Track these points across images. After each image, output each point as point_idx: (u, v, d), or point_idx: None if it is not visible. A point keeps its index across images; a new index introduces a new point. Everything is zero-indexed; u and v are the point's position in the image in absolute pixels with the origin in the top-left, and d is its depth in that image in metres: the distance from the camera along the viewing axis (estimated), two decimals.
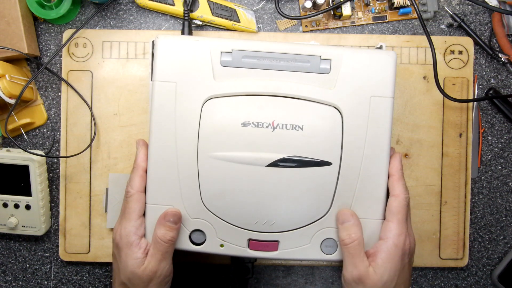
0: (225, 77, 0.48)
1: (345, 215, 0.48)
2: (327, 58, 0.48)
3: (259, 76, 0.48)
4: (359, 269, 0.46)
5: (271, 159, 0.47)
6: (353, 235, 0.47)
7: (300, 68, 0.48)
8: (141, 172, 0.49)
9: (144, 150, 0.49)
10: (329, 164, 0.47)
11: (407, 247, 0.47)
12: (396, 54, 0.49)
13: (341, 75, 0.48)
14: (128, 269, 0.47)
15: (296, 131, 0.47)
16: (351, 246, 0.47)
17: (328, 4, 0.60)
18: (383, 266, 0.46)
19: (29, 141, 0.62)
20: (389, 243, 0.47)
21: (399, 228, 0.47)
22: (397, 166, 0.49)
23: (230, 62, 0.48)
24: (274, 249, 0.49)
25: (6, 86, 0.54)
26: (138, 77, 0.60)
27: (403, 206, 0.48)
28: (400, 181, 0.48)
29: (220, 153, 0.47)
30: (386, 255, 0.46)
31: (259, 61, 0.48)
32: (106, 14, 0.61)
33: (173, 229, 0.48)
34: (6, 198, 0.59)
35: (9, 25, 0.57)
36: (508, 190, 0.63)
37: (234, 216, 0.48)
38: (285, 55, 0.48)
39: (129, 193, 0.49)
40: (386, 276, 0.46)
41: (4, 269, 0.63)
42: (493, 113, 0.62)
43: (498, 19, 0.60)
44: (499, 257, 0.63)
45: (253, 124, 0.47)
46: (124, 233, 0.48)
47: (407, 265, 0.48)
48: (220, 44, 0.48)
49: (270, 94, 0.48)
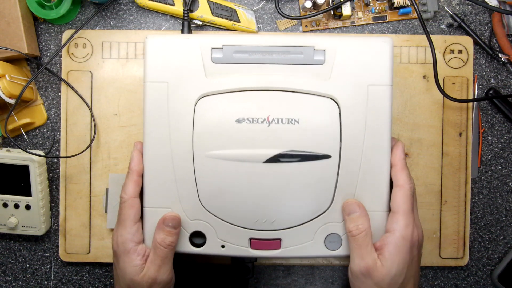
0: (217, 74, 0.47)
1: (351, 205, 0.47)
2: (321, 48, 0.47)
3: (252, 71, 0.47)
4: (366, 261, 0.45)
5: (268, 155, 0.46)
6: (361, 226, 0.46)
7: (294, 60, 0.47)
8: (135, 177, 0.48)
9: (138, 154, 0.49)
10: (328, 157, 0.47)
11: (416, 239, 0.46)
12: (391, 39, 0.48)
13: (336, 65, 0.47)
14: (127, 276, 0.46)
15: (293, 125, 0.46)
16: (358, 237, 0.45)
17: (328, 4, 0.60)
18: (390, 259, 0.45)
19: (29, 141, 0.62)
20: (396, 235, 0.45)
21: (405, 219, 0.46)
22: (400, 156, 0.48)
23: (221, 58, 0.47)
24: (277, 247, 0.48)
25: (6, 86, 0.54)
26: (138, 77, 0.60)
27: (408, 196, 0.46)
28: (403, 170, 0.47)
29: (215, 152, 0.47)
30: (393, 248, 0.45)
31: (251, 56, 0.47)
32: (106, 14, 0.61)
33: (172, 234, 0.47)
34: (6, 198, 0.59)
35: (9, 25, 0.57)
36: (508, 190, 0.63)
37: (234, 215, 0.48)
38: (277, 47, 0.47)
39: (122, 199, 0.48)
40: (394, 270, 0.44)
41: (4, 269, 0.63)
42: (493, 113, 0.62)
43: (498, 19, 0.60)
44: (499, 257, 0.63)
45: (248, 120, 0.46)
46: (120, 240, 0.47)
47: (415, 257, 0.47)
48: (210, 40, 0.47)
49: (264, 89, 0.47)
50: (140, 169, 0.48)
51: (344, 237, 0.48)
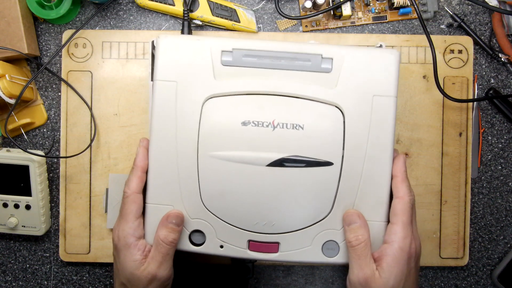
0: (225, 76, 0.48)
1: (352, 216, 0.47)
2: (329, 56, 0.48)
3: (260, 75, 0.48)
4: (365, 272, 0.45)
5: (271, 158, 0.46)
6: (360, 236, 0.46)
7: (301, 67, 0.48)
8: (139, 172, 0.48)
9: (143, 150, 0.49)
10: (330, 164, 0.47)
11: (413, 251, 0.46)
12: (399, 52, 0.48)
13: (342, 74, 0.47)
14: (127, 270, 0.47)
15: (297, 131, 0.46)
16: (358, 248, 0.46)
17: (328, 4, 0.60)
18: (388, 270, 0.45)
19: (29, 141, 0.62)
20: (395, 246, 0.45)
21: (404, 231, 0.46)
22: (401, 168, 0.48)
23: (231, 61, 0.48)
24: (274, 250, 0.49)
25: (6, 86, 0.54)
26: (138, 77, 0.60)
27: (407, 208, 0.46)
28: (404, 182, 0.47)
29: (219, 153, 0.47)
30: (391, 259, 0.45)
31: (260, 60, 0.48)
32: (106, 14, 0.61)
33: (175, 231, 0.47)
34: (6, 198, 0.59)
35: (9, 25, 0.57)
36: (508, 190, 0.63)
37: (234, 216, 0.48)
38: (286, 53, 0.48)
39: (125, 194, 0.48)
40: (392, 281, 0.45)
41: (4, 269, 0.63)
42: (493, 113, 0.62)
43: (498, 19, 0.60)
44: (499, 257, 0.63)
45: (253, 123, 0.47)
46: (122, 234, 0.47)
47: (413, 269, 0.47)
48: (221, 43, 0.48)
49: (270, 93, 0.47)
50: (145, 165, 0.49)
51: (342, 244, 0.48)
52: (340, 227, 0.48)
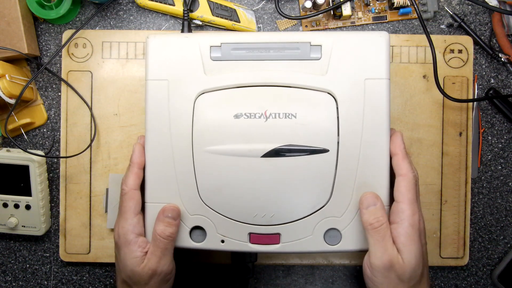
0: (215, 71, 0.48)
1: (370, 198, 0.46)
2: (317, 44, 0.48)
3: (250, 67, 0.48)
4: (390, 253, 0.44)
5: (265, 149, 0.46)
6: (381, 218, 0.45)
7: (291, 56, 0.48)
8: (135, 169, 0.49)
9: (139, 147, 0.49)
10: (326, 151, 0.47)
11: (422, 227, 0.45)
12: (388, 34, 0.48)
13: (332, 60, 0.47)
14: (128, 267, 0.47)
15: (290, 120, 0.46)
16: (380, 229, 0.44)
17: (328, 4, 0.60)
18: (406, 250, 0.44)
19: (29, 141, 0.62)
20: (405, 225, 0.44)
21: (411, 208, 0.45)
22: (400, 144, 0.47)
23: (220, 56, 0.48)
24: (276, 242, 0.48)
25: (6, 86, 0.54)
26: (138, 77, 0.60)
27: (412, 185, 0.45)
28: (405, 159, 0.46)
29: (214, 147, 0.47)
30: (405, 239, 0.44)
31: (249, 52, 0.48)
32: (106, 14, 0.61)
33: (172, 225, 0.47)
34: (6, 198, 0.59)
35: (9, 25, 0.57)
36: (508, 190, 0.63)
37: (233, 210, 0.48)
38: (275, 44, 0.48)
39: (123, 191, 0.49)
40: (413, 261, 0.43)
41: (4, 269, 0.63)
42: (493, 113, 0.62)
43: (498, 19, 0.60)
44: (499, 257, 0.63)
45: (245, 116, 0.47)
46: (121, 232, 0.48)
47: (424, 246, 0.46)
48: (209, 38, 0.48)
49: (261, 85, 0.47)
50: (141, 162, 0.49)
51: (344, 232, 0.48)
52: (340, 214, 0.48)
